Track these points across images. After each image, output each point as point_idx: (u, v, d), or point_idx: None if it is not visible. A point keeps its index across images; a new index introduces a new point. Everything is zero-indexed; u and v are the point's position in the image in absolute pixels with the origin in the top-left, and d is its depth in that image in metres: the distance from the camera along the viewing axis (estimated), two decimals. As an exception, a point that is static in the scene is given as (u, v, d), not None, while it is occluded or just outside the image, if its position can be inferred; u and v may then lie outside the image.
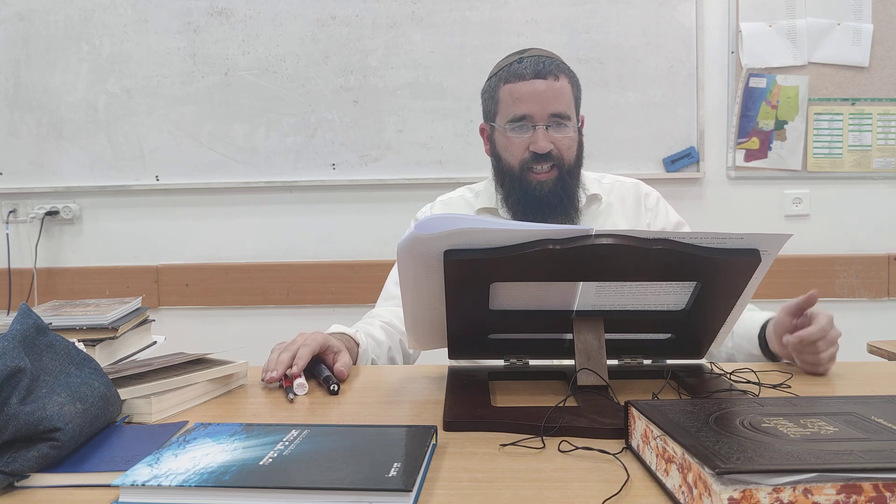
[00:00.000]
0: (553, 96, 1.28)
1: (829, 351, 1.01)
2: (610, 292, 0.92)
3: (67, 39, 2.36)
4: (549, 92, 1.28)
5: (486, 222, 0.81)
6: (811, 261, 2.33)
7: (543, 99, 1.28)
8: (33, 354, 0.75)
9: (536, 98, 1.28)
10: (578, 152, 1.35)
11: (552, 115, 1.28)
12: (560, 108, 1.29)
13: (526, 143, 1.30)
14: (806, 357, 1.02)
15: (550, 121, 1.29)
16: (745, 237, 0.82)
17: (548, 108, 1.28)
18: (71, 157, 2.39)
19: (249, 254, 2.41)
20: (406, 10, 2.30)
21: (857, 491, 0.51)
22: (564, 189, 1.32)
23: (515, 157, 1.32)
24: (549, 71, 1.28)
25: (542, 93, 1.28)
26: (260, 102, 2.34)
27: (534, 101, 1.28)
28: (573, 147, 1.32)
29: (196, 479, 0.61)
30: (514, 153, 1.32)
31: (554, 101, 1.28)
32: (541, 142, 1.28)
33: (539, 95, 1.28)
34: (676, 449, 0.60)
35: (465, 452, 0.73)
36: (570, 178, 1.33)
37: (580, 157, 1.36)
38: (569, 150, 1.31)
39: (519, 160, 1.31)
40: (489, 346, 1.00)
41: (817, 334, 0.99)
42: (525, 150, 1.30)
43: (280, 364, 0.99)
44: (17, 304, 2.02)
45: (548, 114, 1.28)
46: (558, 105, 1.28)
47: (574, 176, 1.34)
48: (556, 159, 1.30)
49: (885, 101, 2.31)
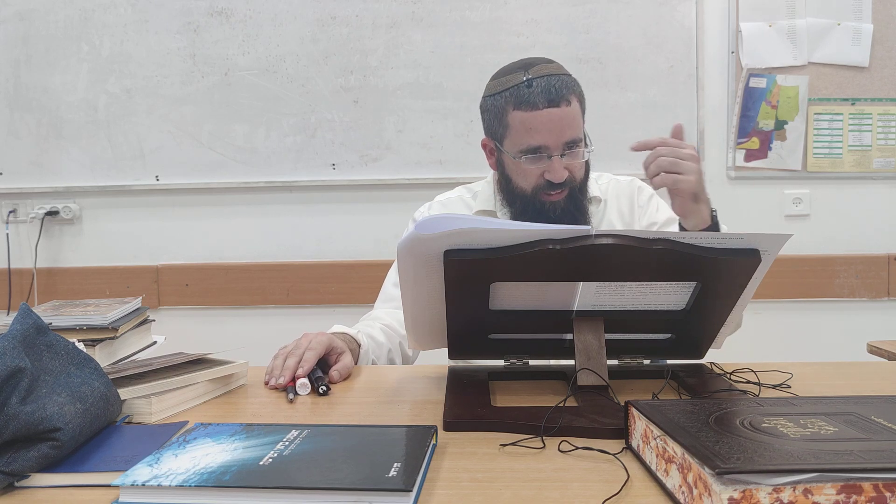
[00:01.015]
0: (567, 125, 1.25)
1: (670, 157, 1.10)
2: (610, 292, 0.92)
3: (67, 39, 2.36)
4: (563, 121, 1.25)
5: (486, 222, 0.81)
6: (811, 261, 2.33)
7: (558, 129, 1.25)
8: (33, 354, 0.75)
9: (551, 129, 1.25)
10: (587, 166, 1.35)
11: (566, 144, 1.26)
12: (574, 134, 1.26)
13: (540, 171, 1.28)
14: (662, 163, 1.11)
15: (565, 149, 1.26)
16: (745, 237, 0.82)
17: (562, 137, 1.25)
18: (71, 157, 2.39)
19: (249, 254, 2.41)
20: (406, 10, 2.30)
21: (857, 491, 0.51)
22: (576, 206, 1.32)
23: (529, 182, 1.30)
24: (562, 97, 1.24)
25: (557, 122, 1.25)
26: (260, 102, 2.34)
27: (548, 132, 1.25)
28: (584, 165, 1.32)
29: (196, 479, 0.61)
30: (527, 180, 1.30)
31: (568, 130, 1.26)
32: (557, 172, 1.26)
33: (553, 125, 1.25)
34: (676, 449, 0.60)
35: (465, 452, 0.73)
36: (580, 195, 1.33)
37: (588, 169, 1.36)
38: (580, 170, 1.31)
39: (533, 186, 1.29)
40: (489, 346, 1.00)
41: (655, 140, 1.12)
42: (539, 177, 1.28)
43: (287, 370, 1.00)
44: (17, 304, 2.02)
45: (562, 143, 1.26)
46: (572, 132, 1.26)
47: (584, 190, 1.34)
48: (569, 183, 1.29)
49: (885, 101, 2.31)
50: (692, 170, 1.10)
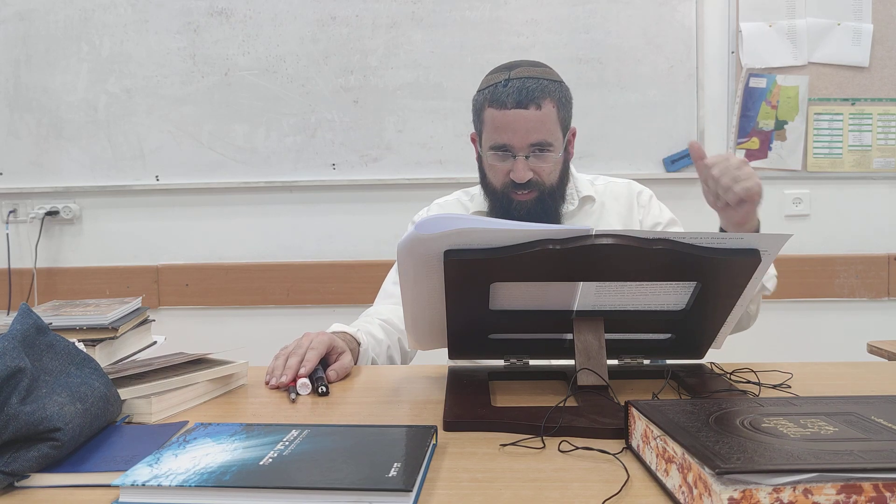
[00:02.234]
0: (533, 127, 1.26)
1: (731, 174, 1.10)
2: (610, 292, 0.92)
3: (67, 39, 2.36)
4: (529, 123, 1.26)
5: (485, 222, 0.81)
6: (811, 261, 2.33)
7: (522, 131, 1.26)
8: (33, 354, 0.75)
9: (515, 129, 1.27)
10: (563, 170, 1.36)
11: (532, 145, 1.28)
12: (540, 137, 1.27)
13: (506, 170, 1.31)
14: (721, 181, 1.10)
15: (530, 150, 1.28)
16: (745, 237, 0.82)
17: (527, 138, 1.27)
18: (71, 157, 2.39)
19: (249, 254, 2.41)
20: (406, 10, 2.30)
21: (857, 491, 0.51)
22: (544, 208, 1.34)
23: (498, 180, 1.33)
24: (532, 99, 1.26)
25: (522, 124, 1.26)
26: (260, 102, 2.34)
27: (513, 132, 1.27)
28: (555, 171, 1.33)
29: (196, 479, 0.61)
30: (496, 177, 1.33)
31: (534, 132, 1.27)
32: (520, 172, 1.28)
33: (518, 126, 1.26)
34: (676, 449, 0.60)
35: (465, 452, 0.73)
36: (550, 199, 1.34)
37: (565, 173, 1.37)
38: (550, 174, 1.32)
39: (501, 183, 1.33)
40: (489, 346, 1.00)
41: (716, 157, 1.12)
42: (506, 175, 1.31)
43: (289, 370, 1.00)
44: (17, 304, 2.02)
45: (527, 144, 1.27)
46: (538, 135, 1.27)
47: (556, 195, 1.35)
48: (536, 185, 1.31)
49: (885, 101, 2.31)
50: (752, 174, 1.10)
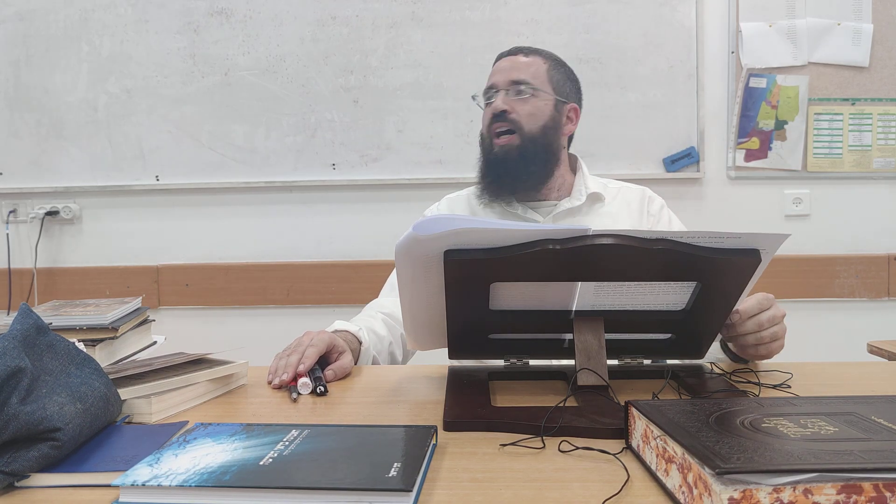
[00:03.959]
0: (516, 67, 1.39)
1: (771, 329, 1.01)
2: (610, 292, 0.92)
3: (67, 39, 2.36)
4: (514, 64, 1.40)
5: (485, 222, 0.81)
6: (811, 261, 2.33)
7: (507, 70, 1.39)
8: (33, 354, 0.75)
9: (502, 70, 1.40)
10: (549, 126, 1.39)
11: (512, 82, 1.38)
12: (521, 76, 1.38)
13: (490, 113, 1.40)
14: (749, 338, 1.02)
15: (510, 87, 1.38)
16: (743, 237, 0.82)
17: (509, 76, 1.38)
18: (71, 157, 2.39)
19: (249, 254, 2.41)
20: (406, 10, 2.30)
21: (857, 491, 0.51)
22: (524, 156, 1.37)
23: (484, 125, 1.42)
24: (521, 50, 1.41)
25: (507, 66, 1.40)
26: (260, 102, 2.34)
27: (500, 72, 1.40)
28: (536, 115, 1.38)
29: (196, 479, 0.61)
30: (484, 122, 1.43)
31: (516, 71, 1.39)
32: (497, 102, 1.37)
33: (503, 68, 1.40)
34: (676, 449, 0.60)
35: (465, 452, 0.73)
36: (532, 149, 1.38)
37: (552, 131, 1.40)
38: (529, 116, 1.38)
39: (486, 127, 1.41)
40: (489, 346, 1.00)
41: (755, 308, 1.01)
42: (490, 116, 1.39)
43: (289, 367, 1.00)
44: (17, 304, 2.02)
45: (509, 80, 1.38)
46: (519, 73, 1.38)
47: (538, 146, 1.38)
48: (513, 123, 1.37)
49: (885, 101, 2.31)
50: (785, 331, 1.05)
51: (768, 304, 1.02)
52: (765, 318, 1.01)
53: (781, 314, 1.04)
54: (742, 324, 1.02)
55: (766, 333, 1.01)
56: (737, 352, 1.08)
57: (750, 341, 1.02)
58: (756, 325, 1.01)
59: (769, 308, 1.02)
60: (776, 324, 1.02)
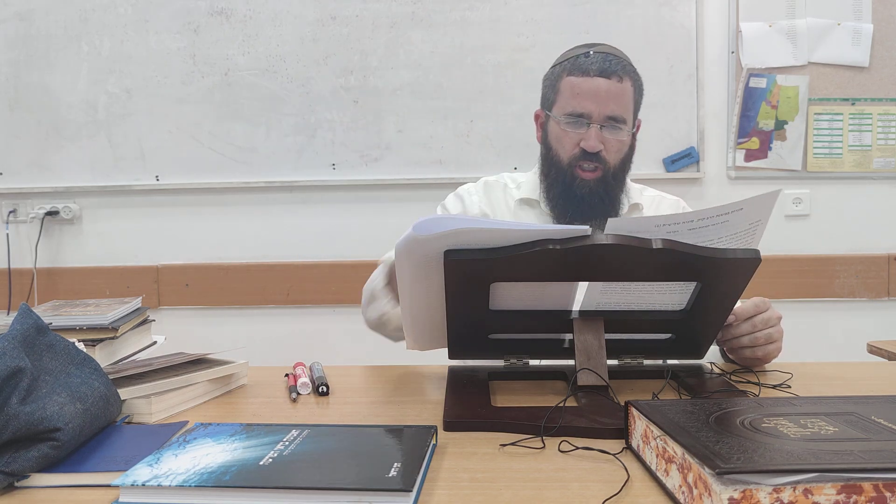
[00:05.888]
0: (613, 97, 1.27)
1: (766, 331, 1.03)
2: (610, 292, 0.92)
3: (67, 39, 2.36)
4: (609, 92, 1.27)
5: (485, 223, 0.81)
6: (811, 261, 2.33)
7: (603, 99, 1.27)
8: (33, 354, 0.75)
9: (596, 96, 1.27)
10: (627, 155, 1.34)
11: (608, 117, 1.28)
12: (618, 110, 1.28)
13: (578, 139, 1.30)
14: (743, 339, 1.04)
15: (606, 121, 1.28)
16: (736, 205, 0.83)
17: (605, 108, 1.27)
18: (71, 157, 2.39)
19: (249, 254, 2.41)
20: (406, 10, 2.30)
21: (857, 491, 0.51)
22: (606, 191, 1.32)
23: (566, 150, 1.32)
24: (614, 71, 1.27)
25: (603, 92, 1.27)
26: (260, 102, 2.34)
27: (593, 99, 1.27)
28: (623, 150, 1.32)
29: (196, 479, 0.61)
30: (565, 146, 1.32)
31: (612, 103, 1.27)
32: (592, 140, 1.28)
33: (599, 94, 1.27)
34: (676, 449, 0.60)
35: (465, 452, 0.73)
36: (613, 181, 1.32)
37: (628, 160, 1.35)
38: (617, 152, 1.31)
39: (569, 154, 1.31)
40: (489, 346, 1.00)
41: (751, 310, 1.03)
42: (576, 145, 1.30)
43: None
44: (17, 304, 2.01)
45: (605, 115, 1.28)
46: (616, 107, 1.28)
47: (619, 179, 1.34)
48: (603, 162, 1.30)
49: (885, 101, 2.31)
50: (781, 334, 1.07)
51: (764, 306, 1.04)
52: (759, 320, 1.03)
53: (777, 317, 1.05)
54: (737, 325, 1.04)
55: (760, 335, 1.03)
56: (734, 358, 1.09)
57: (744, 343, 1.04)
58: (751, 326, 1.03)
59: (765, 311, 1.04)
60: (771, 326, 1.04)
